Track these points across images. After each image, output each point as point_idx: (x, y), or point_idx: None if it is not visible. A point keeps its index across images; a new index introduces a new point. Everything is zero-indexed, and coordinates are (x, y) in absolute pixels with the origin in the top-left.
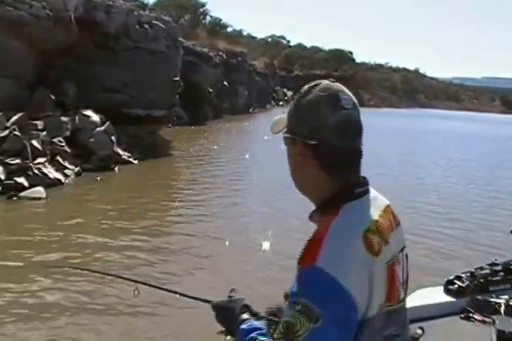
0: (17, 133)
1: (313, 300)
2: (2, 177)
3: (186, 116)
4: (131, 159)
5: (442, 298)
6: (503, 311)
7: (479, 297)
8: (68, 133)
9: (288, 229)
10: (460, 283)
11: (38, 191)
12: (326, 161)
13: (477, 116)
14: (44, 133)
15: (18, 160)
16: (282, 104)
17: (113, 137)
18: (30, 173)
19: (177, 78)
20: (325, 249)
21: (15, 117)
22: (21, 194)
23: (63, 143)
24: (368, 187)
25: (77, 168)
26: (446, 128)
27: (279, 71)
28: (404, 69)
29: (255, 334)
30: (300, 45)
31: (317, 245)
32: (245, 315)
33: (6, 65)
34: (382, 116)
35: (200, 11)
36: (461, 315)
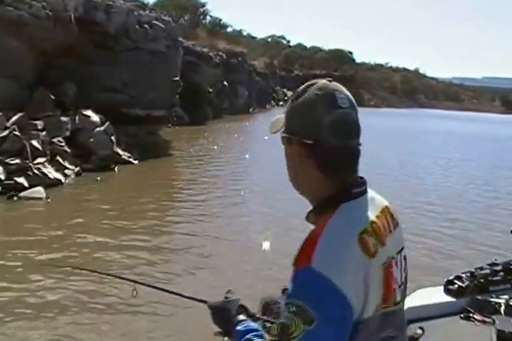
0: (17, 133)
1: (308, 302)
2: (2, 178)
3: (186, 116)
4: (131, 159)
5: (442, 298)
6: (503, 311)
7: (479, 297)
8: (68, 133)
9: (288, 229)
10: (460, 283)
11: (38, 191)
12: (323, 161)
13: (477, 116)
14: (44, 133)
15: (18, 160)
16: (282, 104)
17: (113, 137)
18: (30, 173)
19: (177, 78)
20: (319, 249)
21: (15, 117)
22: (21, 194)
23: (63, 143)
24: (366, 188)
25: (77, 168)
26: (446, 128)
27: (279, 71)
28: (404, 69)
29: (251, 335)
30: (300, 45)
31: (312, 246)
32: (242, 316)
33: (6, 65)
34: (382, 116)
35: (200, 11)
36: (461, 315)
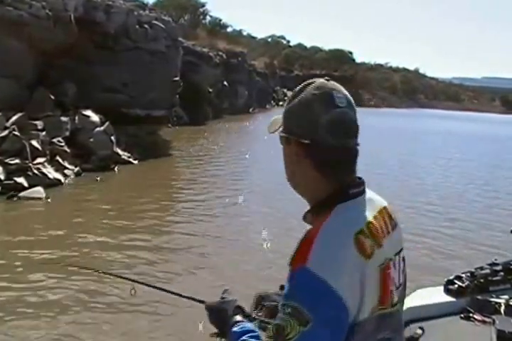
0: (17, 133)
1: (303, 303)
2: (2, 178)
3: (186, 116)
4: (131, 159)
5: (442, 297)
6: (503, 311)
7: (479, 297)
8: (68, 133)
9: (288, 229)
10: (460, 283)
11: (38, 191)
12: (320, 160)
13: (477, 116)
14: (44, 133)
15: (17, 160)
16: (282, 104)
17: (113, 137)
18: (30, 173)
19: (177, 78)
20: (315, 250)
21: (14, 117)
22: (21, 194)
23: (63, 143)
24: (364, 188)
25: (76, 168)
26: (446, 129)
27: (279, 71)
28: (404, 69)
29: (247, 337)
30: (300, 45)
31: (308, 246)
32: (238, 317)
33: (5, 65)
34: (382, 116)
35: (200, 10)
36: (461, 315)
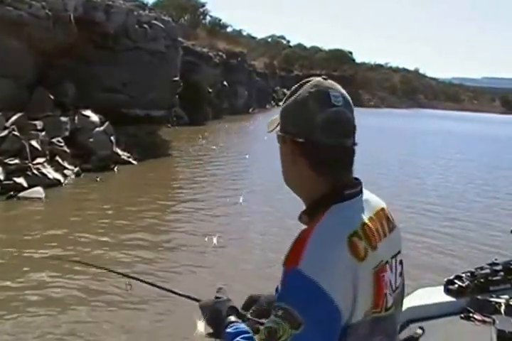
0: (16, 133)
1: (295, 306)
2: (1, 178)
3: (186, 117)
4: (131, 159)
5: (442, 297)
6: (503, 311)
7: (479, 297)
8: (67, 134)
9: (288, 229)
10: (460, 283)
11: (37, 191)
12: (315, 159)
13: (477, 117)
14: (43, 133)
15: (17, 161)
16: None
17: (112, 137)
18: (30, 173)
19: (177, 78)
20: (308, 251)
21: (14, 117)
22: (20, 194)
23: (62, 144)
24: (360, 189)
25: (76, 168)
26: (445, 129)
27: (278, 71)
28: (404, 69)
29: (240, 338)
30: (300, 45)
31: (301, 247)
32: (232, 318)
33: (5, 65)
34: (382, 116)
35: (200, 10)
36: (461, 315)
